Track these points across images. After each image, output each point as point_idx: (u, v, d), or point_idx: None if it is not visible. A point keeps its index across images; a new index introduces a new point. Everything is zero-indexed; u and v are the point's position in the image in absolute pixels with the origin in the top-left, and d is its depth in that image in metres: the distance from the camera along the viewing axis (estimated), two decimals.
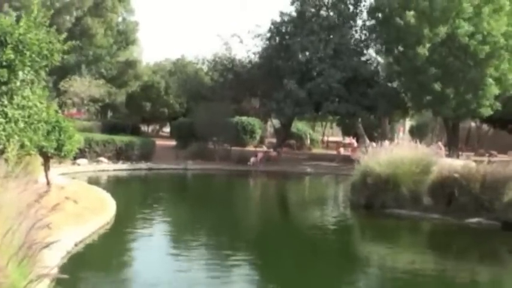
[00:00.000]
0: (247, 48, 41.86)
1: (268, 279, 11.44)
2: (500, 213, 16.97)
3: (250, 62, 41.57)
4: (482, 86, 32.85)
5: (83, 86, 43.83)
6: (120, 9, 52.70)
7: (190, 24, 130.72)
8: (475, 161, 21.73)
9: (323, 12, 38.78)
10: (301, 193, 28.51)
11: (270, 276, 11.59)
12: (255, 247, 14.14)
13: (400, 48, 34.83)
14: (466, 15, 32.20)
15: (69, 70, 46.42)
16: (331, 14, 39.22)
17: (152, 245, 13.73)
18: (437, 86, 31.94)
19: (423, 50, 31.61)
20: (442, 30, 31.86)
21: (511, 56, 33.20)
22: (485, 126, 53.00)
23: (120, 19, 54.19)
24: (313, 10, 38.50)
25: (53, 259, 9.89)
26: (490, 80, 32.78)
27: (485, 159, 22.94)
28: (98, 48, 50.30)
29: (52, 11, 16.00)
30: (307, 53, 35.82)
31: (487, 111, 34.14)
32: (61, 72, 44.82)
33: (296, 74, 36.02)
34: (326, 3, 38.93)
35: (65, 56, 43.36)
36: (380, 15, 36.47)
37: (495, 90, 33.08)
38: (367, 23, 38.93)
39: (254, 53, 41.12)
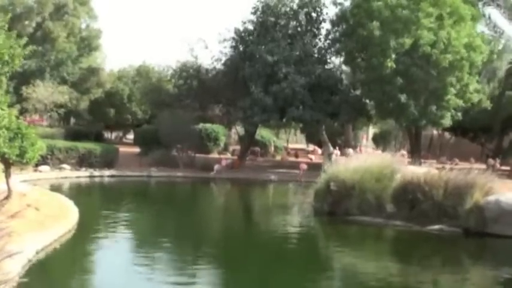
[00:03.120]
0: (212, 55, 41.53)
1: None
2: (461, 220, 17.20)
3: (214, 68, 41.47)
4: (444, 96, 33.27)
5: (46, 92, 43.31)
6: (83, 16, 52.22)
7: (156, 31, 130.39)
8: (438, 168, 22.00)
9: (283, 21, 38.73)
10: (264, 200, 28.48)
11: (232, 285, 11.59)
12: (217, 256, 14.04)
13: (364, 58, 35.06)
14: (428, 24, 32.54)
15: (31, 75, 45.87)
16: (293, 22, 39.28)
17: (115, 254, 13.60)
18: (403, 98, 32.30)
19: (390, 63, 31.85)
20: (407, 41, 32.15)
21: (471, 67, 33.67)
22: (447, 134, 53.73)
23: (83, 26, 53.73)
24: (273, 19, 38.48)
25: (13, 267, 9.75)
26: (452, 90, 33.21)
27: (448, 166, 23.18)
28: (60, 53, 49.74)
29: (10, 15, 15.77)
30: (273, 56, 35.76)
31: (447, 122, 34.74)
32: (22, 78, 44.26)
33: (262, 78, 36.00)
34: (287, 12, 38.92)
35: (27, 61, 42.91)
36: (344, 25, 36.77)
37: (458, 102, 33.56)
38: (331, 33, 39.06)
39: (218, 60, 40.98)
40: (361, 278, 12.19)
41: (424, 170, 20.44)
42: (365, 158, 20.68)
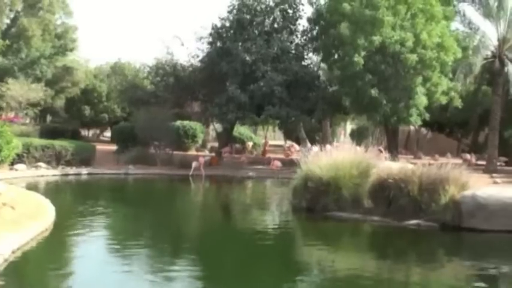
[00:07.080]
0: (189, 52, 41.47)
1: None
2: (438, 215, 17.34)
3: (191, 65, 41.39)
4: (413, 95, 33.60)
5: (22, 89, 42.93)
6: (58, 11, 51.66)
7: (133, 28, 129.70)
8: (413, 163, 22.13)
9: (259, 19, 38.68)
10: (242, 197, 28.49)
11: (208, 284, 11.58)
12: (193, 254, 13.99)
13: (339, 54, 35.27)
14: (393, 23, 32.84)
15: (5, 73, 45.42)
16: (269, 20, 39.26)
17: (92, 252, 13.52)
18: (374, 92, 32.57)
19: (359, 59, 32.12)
20: (376, 39, 32.38)
21: (441, 67, 33.98)
22: (423, 130, 54.10)
23: (58, 22, 53.20)
24: (249, 17, 38.43)
25: None
26: (421, 89, 33.56)
27: (424, 161, 23.34)
28: (34, 50, 49.23)
29: None
30: (251, 55, 35.80)
31: (416, 120, 35.11)
32: None
33: (239, 76, 36.00)
34: (263, 9, 38.88)
35: (1, 58, 42.36)
36: (321, 22, 36.96)
37: (424, 101, 33.90)
38: (308, 30, 39.13)
39: (195, 56, 40.91)
40: (337, 273, 12.25)
41: (399, 166, 20.52)
42: (341, 154, 20.70)
